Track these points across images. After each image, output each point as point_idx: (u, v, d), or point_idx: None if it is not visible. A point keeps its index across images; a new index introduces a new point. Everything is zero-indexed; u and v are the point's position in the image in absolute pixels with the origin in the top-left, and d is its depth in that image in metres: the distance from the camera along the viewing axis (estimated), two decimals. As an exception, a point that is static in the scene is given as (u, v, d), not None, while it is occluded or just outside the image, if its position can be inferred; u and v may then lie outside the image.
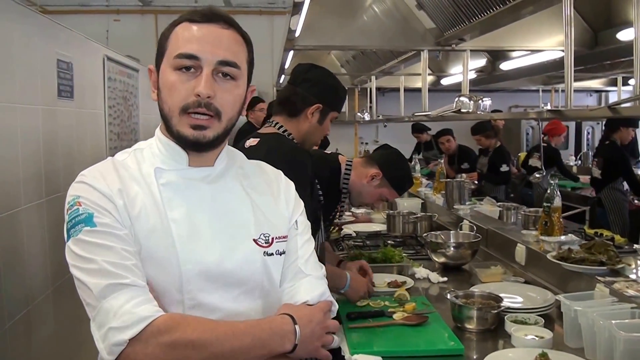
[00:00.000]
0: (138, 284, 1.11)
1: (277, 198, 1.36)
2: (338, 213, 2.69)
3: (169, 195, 1.20)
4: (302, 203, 1.42)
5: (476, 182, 5.35)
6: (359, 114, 7.52)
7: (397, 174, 2.50)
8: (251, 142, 2.07)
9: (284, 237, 1.32)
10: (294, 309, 1.24)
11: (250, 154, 2.02)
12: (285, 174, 1.80)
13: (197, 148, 1.22)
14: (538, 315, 2.00)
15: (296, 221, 1.36)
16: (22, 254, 2.22)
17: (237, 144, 1.98)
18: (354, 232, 3.73)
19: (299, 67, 2.18)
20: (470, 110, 3.29)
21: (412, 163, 5.38)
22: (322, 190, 2.28)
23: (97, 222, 1.12)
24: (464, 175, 5.11)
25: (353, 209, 4.32)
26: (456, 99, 3.33)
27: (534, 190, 5.96)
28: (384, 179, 2.45)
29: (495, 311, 2.00)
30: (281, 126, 2.12)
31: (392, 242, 3.41)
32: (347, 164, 2.46)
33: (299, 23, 3.13)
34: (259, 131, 2.17)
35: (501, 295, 2.11)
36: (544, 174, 4.97)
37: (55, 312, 2.47)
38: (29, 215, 2.29)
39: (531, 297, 2.25)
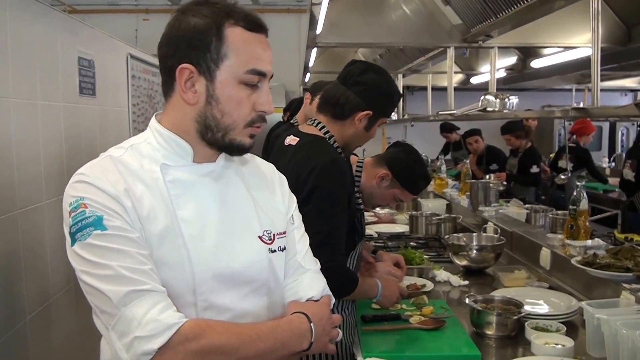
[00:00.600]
0: (158, 290, 1.07)
1: (274, 193, 1.35)
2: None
3: (177, 193, 1.16)
4: (294, 197, 1.41)
5: (504, 183, 5.23)
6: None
7: (407, 174, 2.31)
8: (290, 140, 1.99)
9: (283, 233, 1.31)
10: (305, 307, 1.24)
11: (288, 154, 1.99)
12: (320, 186, 1.80)
13: (240, 153, 1.23)
14: (561, 322, 1.92)
15: (292, 216, 1.36)
16: (43, 249, 2.24)
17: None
18: (376, 232, 3.67)
19: (354, 66, 2.00)
20: (496, 109, 3.20)
21: (438, 163, 5.29)
22: None
23: (107, 225, 1.07)
24: (491, 176, 5.01)
25: (377, 209, 4.26)
26: (482, 97, 3.25)
27: (566, 192, 5.80)
28: (393, 179, 2.30)
29: (516, 317, 1.93)
30: (324, 127, 1.99)
31: (415, 244, 3.35)
32: (357, 165, 2.32)
33: (319, 20, 3.09)
34: (300, 128, 2.07)
35: (523, 300, 2.04)
36: (570, 174, 4.82)
37: (76, 306, 2.49)
38: (50, 211, 2.30)
39: (554, 303, 2.16)
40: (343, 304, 2.03)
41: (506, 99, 3.16)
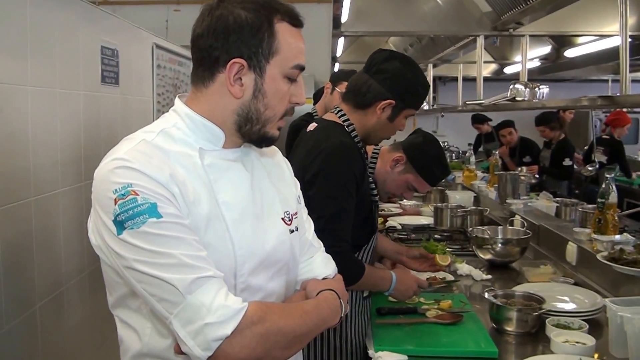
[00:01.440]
0: (218, 275, 1.07)
1: (284, 174, 1.38)
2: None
3: (215, 177, 1.17)
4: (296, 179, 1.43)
5: (537, 176, 5.10)
6: (417, 104, 7.35)
7: (422, 157, 2.17)
8: (310, 127, 1.99)
9: (296, 214, 1.34)
10: (330, 284, 1.29)
11: (303, 140, 1.98)
12: (324, 170, 1.79)
13: (265, 144, 1.25)
14: (584, 320, 1.85)
15: (299, 196, 1.39)
16: (57, 236, 2.26)
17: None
18: (400, 224, 3.62)
19: (377, 53, 1.94)
20: (525, 99, 3.11)
21: (467, 154, 5.18)
22: None
23: (162, 213, 1.04)
24: (524, 168, 4.89)
25: (404, 201, 4.19)
26: (511, 87, 3.16)
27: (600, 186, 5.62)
28: (408, 163, 2.17)
29: (536, 313, 1.87)
30: (344, 115, 1.94)
31: (439, 237, 3.29)
32: (373, 152, 2.23)
33: (342, 8, 3.05)
34: (323, 116, 2.05)
35: (545, 296, 1.97)
36: (598, 167, 4.66)
37: (90, 295, 2.51)
38: (65, 199, 2.32)
39: (578, 300, 2.08)
40: (355, 297, 1.98)
41: (536, 89, 3.06)
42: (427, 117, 9.51)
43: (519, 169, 4.85)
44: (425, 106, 6.99)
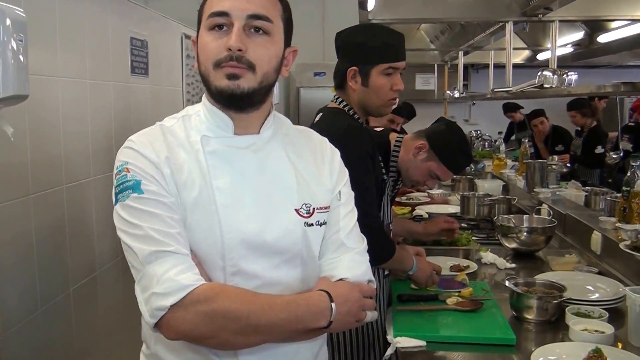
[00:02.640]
0: (181, 252, 1.14)
1: (321, 167, 1.34)
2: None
3: (215, 164, 1.22)
4: (346, 173, 1.39)
5: (568, 164, 5.01)
6: (448, 92, 7.26)
7: (444, 144, 2.19)
8: (316, 117, 2.06)
9: (325, 208, 1.30)
10: (331, 286, 1.23)
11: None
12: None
13: (235, 103, 1.21)
14: (604, 308, 1.84)
15: (339, 192, 1.34)
16: (89, 222, 2.33)
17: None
18: (426, 213, 3.62)
19: (336, 35, 2.06)
20: (553, 86, 3.06)
21: (497, 143, 5.12)
22: None
23: (144, 189, 1.15)
24: (555, 157, 4.81)
25: (433, 190, 4.18)
26: (539, 74, 3.12)
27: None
28: (430, 151, 2.19)
29: (556, 301, 1.86)
30: (338, 98, 2.05)
31: (466, 225, 3.28)
32: (396, 140, 2.26)
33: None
34: (327, 106, 2.11)
35: (567, 285, 1.96)
36: (622, 155, 4.54)
37: (123, 280, 2.59)
38: (97, 187, 2.39)
39: (600, 289, 2.06)
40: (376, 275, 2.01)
41: (564, 76, 3.01)
42: (459, 105, 9.39)
43: (550, 157, 4.78)
44: (455, 94, 6.93)
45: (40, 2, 1.99)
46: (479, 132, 7.14)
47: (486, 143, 7.01)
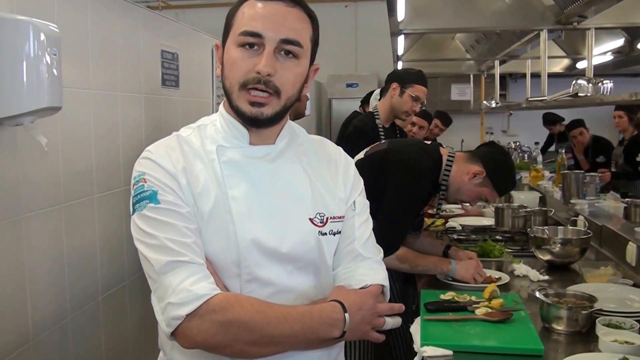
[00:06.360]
0: (196, 262, 1.15)
1: (335, 177, 1.35)
2: (434, 207, 2.60)
3: (230, 173, 1.23)
4: (361, 182, 1.40)
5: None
6: (485, 102, 7.17)
7: (502, 176, 2.35)
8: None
9: (339, 218, 1.31)
10: (344, 294, 1.24)
11: None
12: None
13: (256, 125, 1.23)
14: (637, 320, 1.77)
15: (354, 202, 1.35)
16: (120, 232, 2.38)
17: None
18: (460, 225, 3.56)
19: None
20: (588, 94, 3.00)
21: (534, 154, 5.02)
22: None
23: (160, 200, 1.17)
24: (596, 177, 4.66)
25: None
26: (573, 82, 3.06)
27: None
28: (486, 178, 2.31)
29: (586, 312, 1.81)
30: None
31: (500, 237, 3.22)
32: (449, 157, 2.35)
33: (396, 6, 3.04)
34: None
35: (599, 296, 1.90)
36: None
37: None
38: (128, 196, 2.44)
39: (634, 301, 2.00)
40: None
41: (599, 84, 2.95)
42: (496, 116, 9.25)
43: (592, 173, 4.64)
44: (492, 104, 6.83)
45: (73, 17, 2.06)
46: (517, 143, 7.01)
47: (525, 155, 6.88)
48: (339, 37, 7.19)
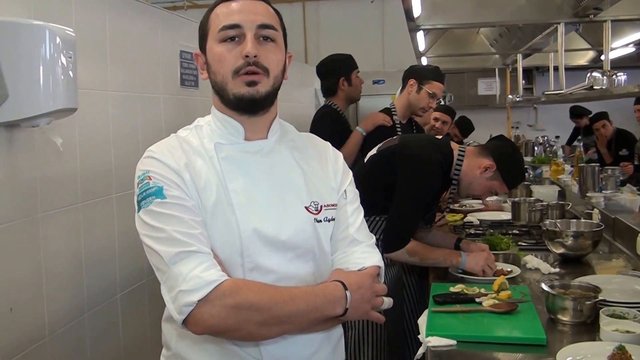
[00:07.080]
0: (204, 251, 1.22)
1: (326, 168, 1.44)
2: (445, 203, 2.65)
3: (228, 168, 1.31)
4: (350, 173, 1.48)
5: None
6: (510, 96, 7.10)
7: (512, 169, 2.40)
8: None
9: (332, 205, 1.39)
10: (344, 275, 1.32)
11: None
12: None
13: (253, 107, 1.31)
14: (641, 311, 1.78)
15: (345, 190, 1.44)
16: (137, 232, 2.46)
17: None
18: (478, 220, 3.57)
19: None
20: (604, 87, 2.98)
21: (554, 148, 4.98)
22: None
23: (166, 195, 1.24)
24: (617, 171, 4.60)
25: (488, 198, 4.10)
26: (588, 75, 3.05)
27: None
28: (497, 172, 2.36)
29: (590, 302, 1.83)
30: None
31: (517, 232, 3.23)
32: (459, 152, 2.40)
33: (413, 1, 3.06)
34: None
35: (605, 288, 1.92)
36: None
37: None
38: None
39: (639, 291, 2.00)
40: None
41: (614, 76, 2.93)
42: (523, 110, 9.13)
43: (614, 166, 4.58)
44: (517, 98, 6.75)
45: (90, 21, 2.13)
46: (546, 137, 6.92)
47: (551, 149, 6.81)
48: (365, 33, 7.19)
